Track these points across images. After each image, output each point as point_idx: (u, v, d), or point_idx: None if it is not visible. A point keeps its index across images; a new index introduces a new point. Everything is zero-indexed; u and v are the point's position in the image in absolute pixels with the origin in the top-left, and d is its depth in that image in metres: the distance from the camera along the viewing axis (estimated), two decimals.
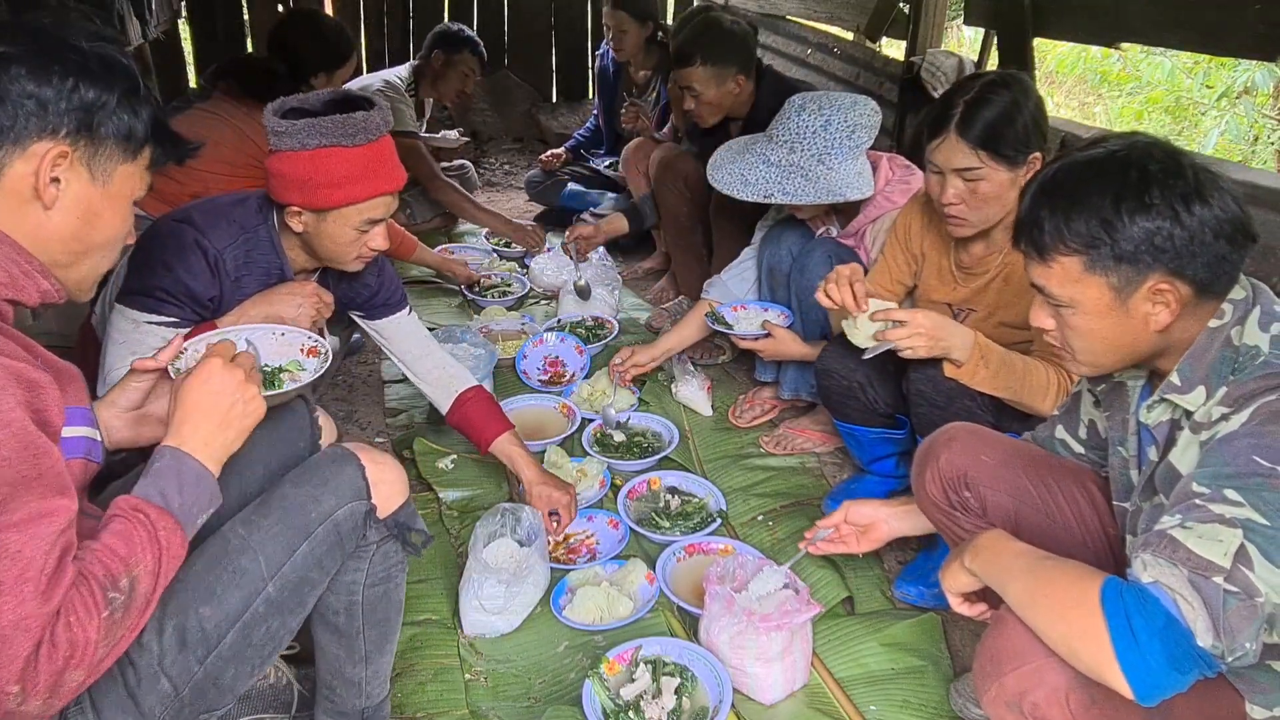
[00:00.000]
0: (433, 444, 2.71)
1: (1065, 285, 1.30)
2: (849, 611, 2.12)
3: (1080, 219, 1.25)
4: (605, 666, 1.82)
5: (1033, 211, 1.31)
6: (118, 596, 1.07)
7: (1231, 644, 1.08)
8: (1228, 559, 1.09)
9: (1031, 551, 1.32)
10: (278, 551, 1.34)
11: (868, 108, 2.50)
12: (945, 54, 3.61)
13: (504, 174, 5.78)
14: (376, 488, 1.46)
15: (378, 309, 2.29)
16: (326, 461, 1.45)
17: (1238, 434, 1.18)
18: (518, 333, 3.35)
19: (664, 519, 2.36)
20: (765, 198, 2.49)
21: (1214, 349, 1.26)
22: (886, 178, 2.51)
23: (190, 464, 1.22)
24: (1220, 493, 1.14)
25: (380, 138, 1.86)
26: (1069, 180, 1.29)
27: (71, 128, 1.15)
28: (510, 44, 6.23)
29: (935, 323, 1.90)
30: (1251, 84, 5.92)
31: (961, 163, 1.95)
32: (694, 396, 2.93)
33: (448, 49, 4.16)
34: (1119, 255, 1.24)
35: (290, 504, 1.38)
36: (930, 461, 1.70)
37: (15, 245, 1.15)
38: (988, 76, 2.00)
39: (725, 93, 3.10)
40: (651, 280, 4.02)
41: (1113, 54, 6.83)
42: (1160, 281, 1.24)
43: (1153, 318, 1.27)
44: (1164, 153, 1.26)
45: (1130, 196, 1.23)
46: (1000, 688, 1.29)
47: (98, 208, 1.21)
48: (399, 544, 1.54)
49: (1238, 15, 2.47)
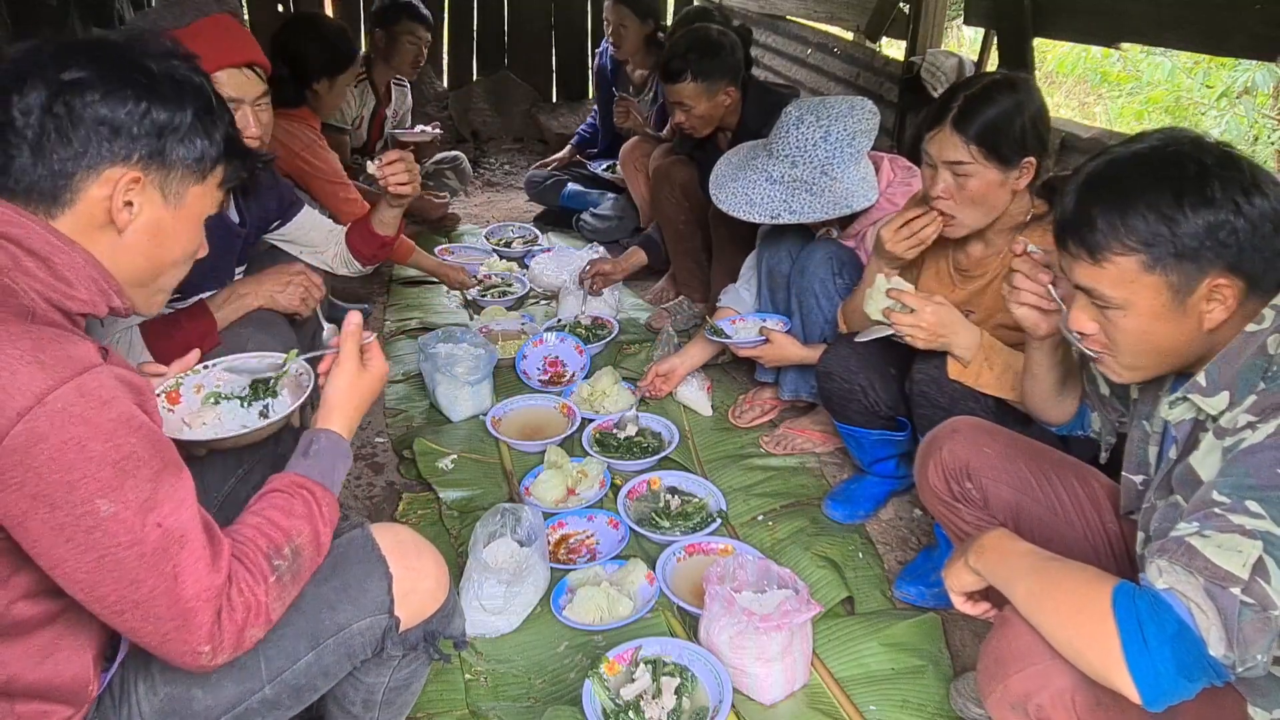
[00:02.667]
0: (433, 444, 2.71)
1: (1119, 286, 1.24)
2: (849, 611, 2.12)
3: (1138, 215, 1.20)
4: (605, 666, 1.82)
5: (1082, 209, 1.25)
6: (282, 563, 1.18)
7: (1244, 655, 1.07)
8: (1246, 570, 1.07)
9: (1037, 552, 1.30)
10: (280, 655, 1.26)
11: (865, 110, 2.49)
12: (945, 54, 3.61)
13: (504, 174, 5.78)
14: (407, 599, 1.34)
15: (287, 209, 2.40)
16: (354, 560, 1.33)
17: (1263, 445, 1.15)
18: (518, 333, 3.35)
19: (664, 519, 2.36)
20: (773, 219, 2.49)
21: (1247, 354, 1.23)
22: (888, 179, 2.51)
23: (344, 445, 1.38)
24: (1242, 503, 1.11)
25: (216, 14, 1.92)
26: (1121, 175, 1.23)
27: (144, 153, 1.17)
28: (510, 44, 6.23)
29: (942, 320, 1.90)
30: (1251, 84, 5.92)
31: (952, 155, 1.93)
32: (694, 396, 2.93)
33: (386, 22, 4.07)
34: (1180, 252, 1.19)
35: (303, 602, 1.27)
36: (933, 452, 1.70)
37: (97, 264, 1.17)
38: (994, 76, 1.99)
39: (716, 105, 3.11)
40: (652, 280, 4.02)
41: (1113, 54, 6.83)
42: (1219, 277, 1.20)
43: (1207, 316, 1.23)
44: (1217, 146, 1.22)
45: (1191, 190, 1.18)
46: (1005, 690, 1.28)
47: (170, 229, 1.23)
48: (426, 654, 1.43)
49: (1238, 15, 2.47)
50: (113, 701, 1.24)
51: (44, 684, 1.15)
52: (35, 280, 1.12)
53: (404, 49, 4.12)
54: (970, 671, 1.84)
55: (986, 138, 1.90)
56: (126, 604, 1.07)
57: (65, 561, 1.04)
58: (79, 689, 1.19)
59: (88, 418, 1.02)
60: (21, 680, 1.14)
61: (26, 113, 1.11)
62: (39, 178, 1.13)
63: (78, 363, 1.04)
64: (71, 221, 1.16)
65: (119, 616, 1.08)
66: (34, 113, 1.11)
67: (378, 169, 2.29)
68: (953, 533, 1.78)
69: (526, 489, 2.49)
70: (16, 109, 1.11)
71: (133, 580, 1.06)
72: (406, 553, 1.37)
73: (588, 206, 4.52)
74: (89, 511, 1.03)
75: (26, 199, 1.14)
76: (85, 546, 1.03)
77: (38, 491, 1.01)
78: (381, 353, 1.46)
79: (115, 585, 1.06)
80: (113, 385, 1.07)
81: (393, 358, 3.33)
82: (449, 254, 4.15)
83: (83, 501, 1.02)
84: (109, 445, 1.04)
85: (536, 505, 2.34)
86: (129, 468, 1.05)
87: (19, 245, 1.11)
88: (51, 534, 1.02)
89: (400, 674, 1.43)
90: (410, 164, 2.32)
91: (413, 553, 1.38)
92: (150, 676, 1.24)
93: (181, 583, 1.08)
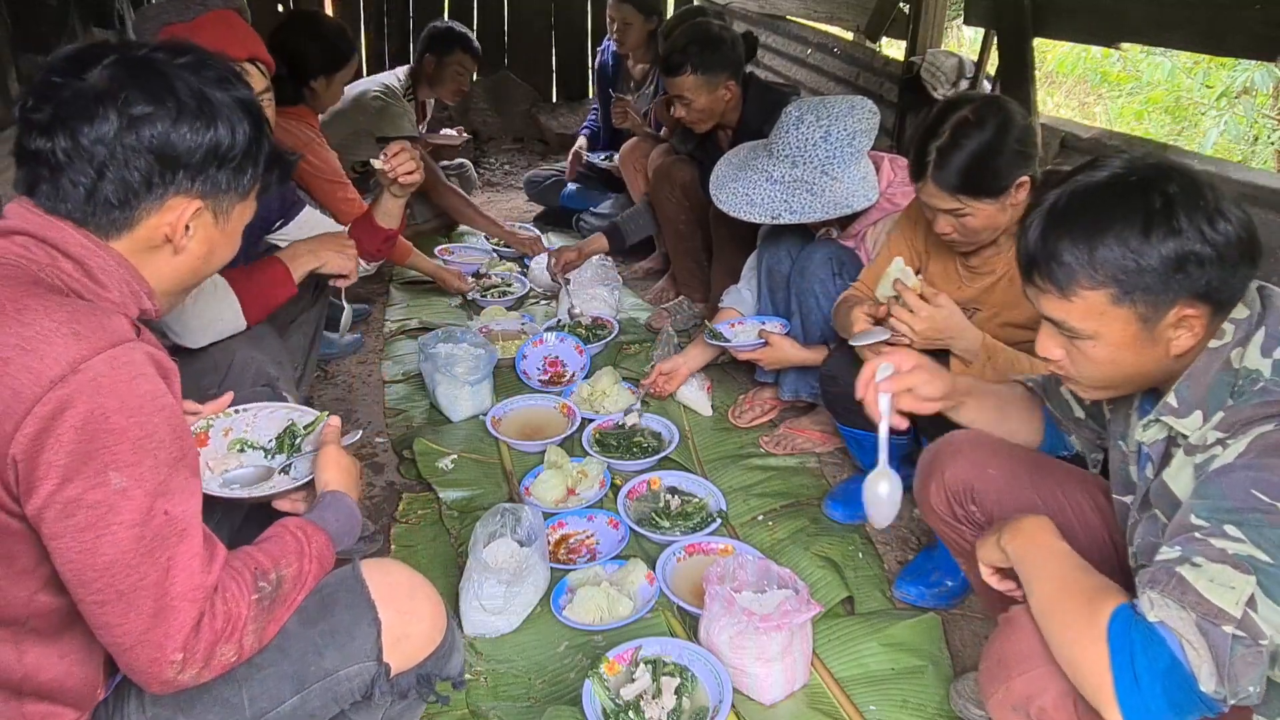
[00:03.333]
0: (433, 444, 2.71)
1: (1088, 319, 1.23)
2: (849, 611, 2.12)
3: (1106, 249, 1.18)
4: (605, 666, 1.82)
5: (1048, 244, 1.23)
6: (265, 586, 1.19)
7: (1235, 689, 1.06)
8: (1238, 608, 1.06)
9: (1065, 554, 1.28)
10: (263, 695, 1.24)
11: (865, 110, 2.49)
12: (945, 54, 3.61)
13: (504, 174, 5.78)
14: (398, 645, 1.31)
15: (289, 209, 2.43)
16: (343, 605, 1.30)
17: (1234, 466, 1.14)
18: (518, 333, 3.35)
19: (664, 519, 2.36)
20: (774, 219, 2.49)
21: (1213, 371, 1.22)
22: (889, 179, 2.51)
23: (346, 501, 1.44)
24: (1220, 528, 1.11)
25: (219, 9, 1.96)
26: (1085, 208, 1.21)
27: (205, 184, 1.20)
28: (510, 44, 6.23)
29: (937, 325, 1.90)
30: (1251, 84, 5.91)
31: (943, 205, 1.93)
32: (694, 396, 2.93)
33: (439, 51, 4.13)
34: (1149, 285, 1.18)
35: (289, 643, 1.25)
36: (935, 474, 1.67)
37: (130, 267, 1.20)
38: (960, 114, 1.90)
39: (717, 99, 3.10)
40: (651, 280, 4.02)
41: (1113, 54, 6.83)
42: (1187, 306, 1.20)
43: (1175, 343, 1.23)
44: (1180, 173, 1.21)
45: (1159, 221, 1.16)
46: (1007, 691, 1.27)
47: (217, 243, 1.28)
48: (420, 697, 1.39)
49: (1238, 15, 2.47)
50: (106, 714, 1.24)
51: (56, 684, 1.16)
52: (71, 279, 1.14)
53: (451, 77, 4.19)
54: (970, 673, 1.84)
55: (970, 183, 1.89)
56: (111, 593, 1.05)
57: (63, 536, 1.04)
58: (87, 692, 1.19)
59: (116, 389, 1.04)
60: (36, 679, 1.14)
61: (96, 144, 1.13)
62: (101, 208, 1.16)
63: (112, 335, 1.06)
64: (128, 244, 1.19)
65: (99, 608, 1.06)
66: (102, 146, 1.13)
67: (384, 162, 2.30)
68: (955, 549, 1.75)
69: (526, 489, 2.49)
70: (85, 138, 1.13)
71: (126, 564, 1.04)
72: (398, 595, 1.33)
73: (587, 207, 4.53)
74: (100, 484, 1.03)
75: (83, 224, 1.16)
76: (86, 523, 1.03)
77: (52, 459, 1.01)
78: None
79: (106, 568, 1.04)
80: (143, 361, 1.08)
81: (393, 358, 3.33)
82: (449, 254, 4.15)
83: (96, 473, 1.03)
84: (132, 421, 1.05)
85: (536, 505, 2.34)
86: (149, 447, 1.06)
87: (56, 247, 1.14)
88: (57, 505, 1.03)
89: (393, 711, 1.39)
90: (413, 152, 2.33)
91: (405, 595, 1.34)
92: (142, 696, 1.23)
93: (173, 576, 1.07)
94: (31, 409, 1.00)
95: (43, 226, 1.14)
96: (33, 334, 1.03)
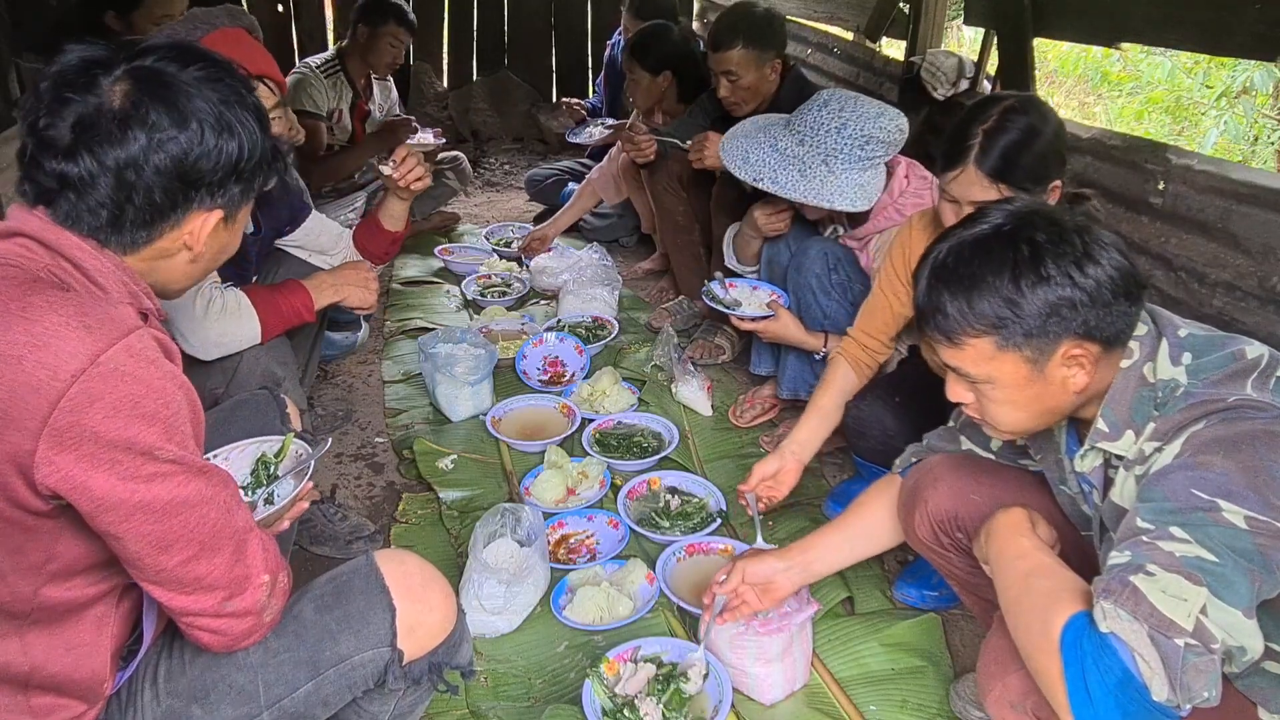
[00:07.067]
0: (433, 444, 2.71)
1: (980, 364, 1.29)
2: (849, 611, 2.12)
3: (983, 300, 1.25)
4: (605, 666, 1.81)
5: (932, 298, 1.30)
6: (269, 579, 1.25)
7: (1188, 696, 1.05)
8: (1190, 620, 1.06)
9: (1029, 553, 1.28)
10: (278, 682, 1.26)
11: (893, 123, 2.41)
12: (945, 54, 3.61)
13: (504, 174, 5.78)
14: (412, 633, 1.33)
15: (297, 214, 2.44)
16: (358, 591, 1.32)
17: (1173, 468, 1.17)
18: (518, 333, 3.35)
19: (664, 519, 2.36)
20: (755, 181, 2.47)
21: (1131, 389, 1.27)
22: (901, 186, 2.46)
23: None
24: (1166, 530, 1.11)
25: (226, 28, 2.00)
26: (962, 262, 1.28)
27: (225, 199, 1.23)
28: (510, 44, 6.23)
29: None
30: (1251, 84, 5.91)
31: (980, 196, 1.83)
32: (694, 396, 2.93)
33: (371, 21, 4.05)
34: (1028, 330, 1.24)
35: (304, 629, 1.28)
36: (918, 505, 1.66)
37: (127, 269, 1.21)
38: (1006, 101, 1.87)
39: (763, 77, 3.09)
40: (651, 280, 4.02)
41: (1113, 54, 6.83)
42: (1072, 347, 1.25)
43: (1070, 380, 1.27)
44: (1046, 221, 1.26)
45: (1027, 271, 1.23)
46: (1005, 688, 1.28)
47: (226, 243, 1.33)
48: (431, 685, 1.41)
49: (1238, 15, 2.47)
50: (119, 706, 1.25)
51: (63, 676, 1.16)
52: (71, 275, 1.15)
53: (383, 49, 4.10)
54: (970, 674, 1.84)
55: (1012, 172, 1.82)
56: (195, 547, 1.12)
57: (132, 517, 1.07)
58: (95, 685, 1.20)
59: (139, 375, 1.07)
60: (43, 671, 1.14)
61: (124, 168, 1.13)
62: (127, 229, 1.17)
63: (122, 324, 1.09)
64: (145, 254, 1.21)
65: (188, 565, 1.12)
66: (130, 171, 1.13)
67: (393, 169, 2.31)
68: (946, 576, 1.74)
69: (526, 489, 2.49)
70: (110, 161, 1.13)
71: (199, 518, 1.11)
72: (412, 585, 1.35)
73: None
74: (152, 459, 1.06)
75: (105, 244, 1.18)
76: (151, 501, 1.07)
77: (95, 451, 1.03)
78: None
79: (184, 532, 1.10)
80: (154, 346, 1.11)
81: (393, 358, 3.33)
82: (449, 254, 4.15)
83: (143, 452, 1.06)
84: (159, 403, 1.08)
85: (536, 505, 2.34)
86: (177, 423, 1.10)
87: (58, 251, 1.15)
88: (118, 488, 1.05)
89: (403, 704, 1.42)
90: (420, 158, 2.36)
91: (419, 585, 1.36)
92: (156, 686, 1.25)
93: (233, 515, 1.16)
94: (57, 404, 1.01)
95: (42, 229, 1.14)
96: (42, 330, 1.04)
